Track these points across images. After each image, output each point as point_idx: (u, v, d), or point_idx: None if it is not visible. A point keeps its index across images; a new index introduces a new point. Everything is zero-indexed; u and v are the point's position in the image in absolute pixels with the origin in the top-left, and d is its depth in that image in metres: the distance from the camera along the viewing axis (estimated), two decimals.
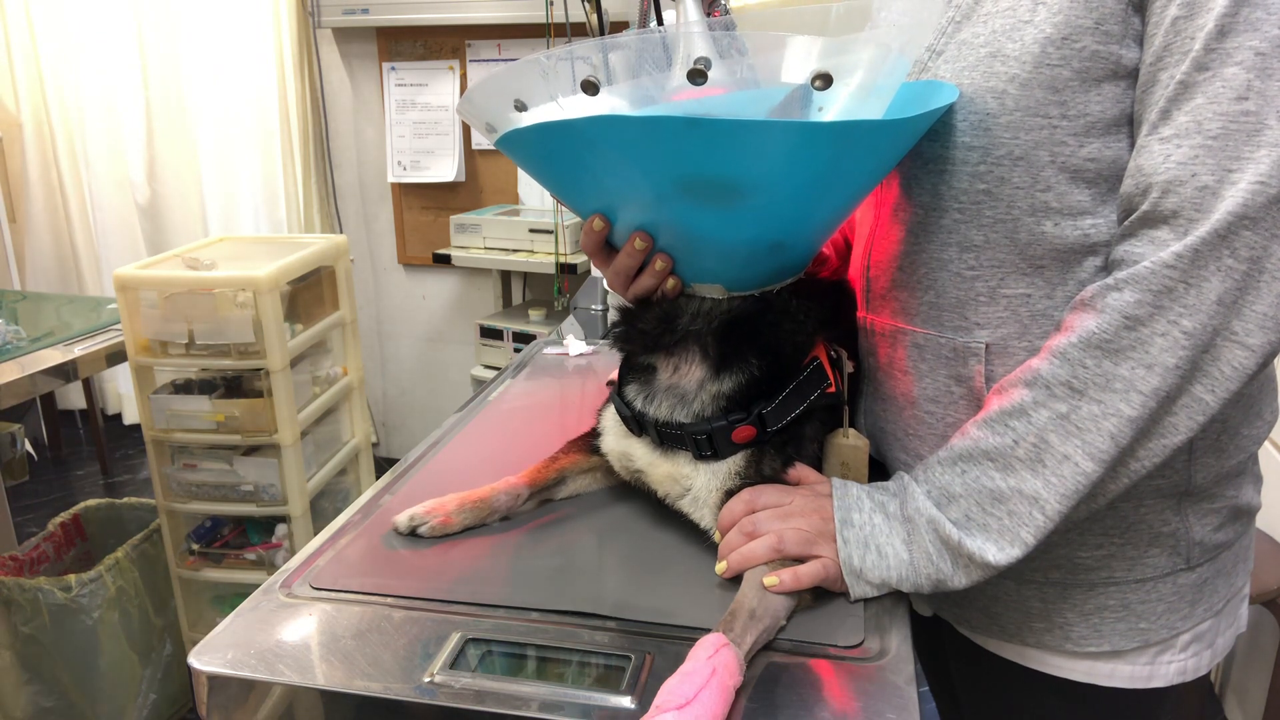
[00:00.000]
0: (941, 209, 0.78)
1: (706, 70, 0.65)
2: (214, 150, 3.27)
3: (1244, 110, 0.63)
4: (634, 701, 0.66)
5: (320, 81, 3.17)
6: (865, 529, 0.76)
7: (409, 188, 3.19)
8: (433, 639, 0.73)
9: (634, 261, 0.78)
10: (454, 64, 3.03)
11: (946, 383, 0.81)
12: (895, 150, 0.76)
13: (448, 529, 0.89)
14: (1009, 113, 0.72)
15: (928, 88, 0.78)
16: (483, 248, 2.80)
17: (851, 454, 0.88)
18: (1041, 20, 0.70)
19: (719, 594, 0.78)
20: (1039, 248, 0.74)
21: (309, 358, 2.21)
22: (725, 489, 0.82)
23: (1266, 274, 0.64)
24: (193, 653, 0.72)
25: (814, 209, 0.76)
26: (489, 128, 0.76)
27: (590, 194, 0.77)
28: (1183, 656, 0.83)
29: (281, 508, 2.04)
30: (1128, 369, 0.66)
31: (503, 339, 2.79)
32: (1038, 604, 0.83)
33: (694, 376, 0.82)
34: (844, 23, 0.74)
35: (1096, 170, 0.72)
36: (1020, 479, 0.70)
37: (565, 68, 0.71)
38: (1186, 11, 0.65)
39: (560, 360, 1.50)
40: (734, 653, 0.66)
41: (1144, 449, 0.68)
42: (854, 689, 0.67)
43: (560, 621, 0.75)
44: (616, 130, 0.66)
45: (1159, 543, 0.79)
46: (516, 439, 1.14)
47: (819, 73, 0.66)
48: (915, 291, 0.82)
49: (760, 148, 0.66)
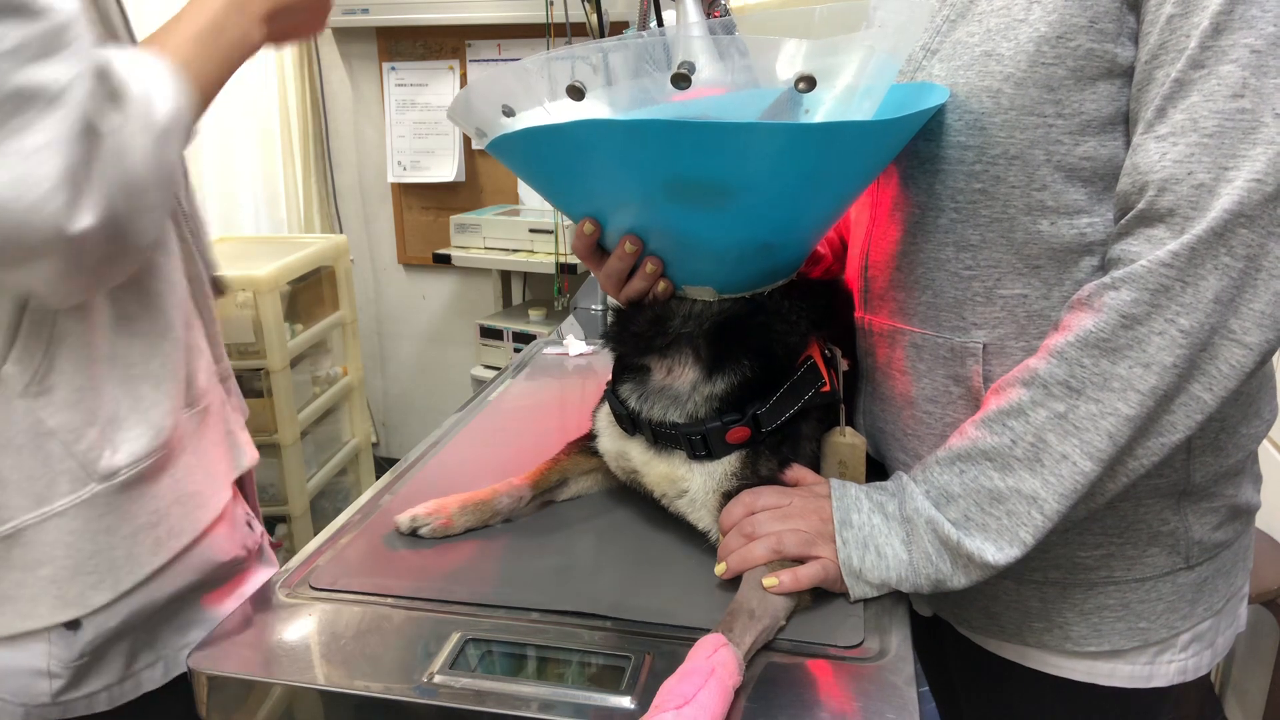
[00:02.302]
0: (938, 208, 0.78)
1: (690, 74, 0.65)
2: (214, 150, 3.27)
3: (1240, 108, 0.63)
4: (633, 701, 0.66)
5: (320, 81, 3.17)
6: (864, 529, 0.76)
7: (409, 188, 3.19)
8: (433, 639, 0.73)
9: (625, 265, 0.79)
10: (454, 64, 3.03)
11: (944, 383, 0.81)
12: (884, 152, 0.76)
13: (449, 530, 0.89)
14: (1004, 111, 0.72)
15: (920, 89, 0.78)
16: (483, 248, 2.80)
17: (849, 452, 0.88)
18: (1036, 19, 0.71)
19: (718, 594, 0.78)
20: (1035, 247, 0.74)
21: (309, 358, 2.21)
22: (722, 490, 0.82)
23: (1264, 272, 0.64)
24: (193, 653, 0.72)
25: (803, 210, 0.76)
26: (479, 133, 0.76)
27: (580, 198, 0.78)
28: (1183, 656, 0.83)
29: (281, 508, 2.05)
30: (1125, 368, 0.67)
31: (503, 339, 2.79)
32: (1037, 604, 0.83)
33: (687, 378, 0.82)
34: (839, 24, 0.74)
35: (1092, 169, 0.72)
36: (1019, 479, 0.70)
37: (556, 70, 0.71)
38: (1182, 9, 0.65)
39: (560, 360, 1.50)
40: (733, 653, 0.66)
41: (1142, 448, 0.68)
42: (854, 689, 0.68)
43: (560, 621, 0.75)
44: (602, 134, 0.66)
45: (1158, 542, 0.79)
46: (516, 439, 1.14)
47: (802, 75, 0.66)
48: (912, 291, 0.82)
49: (745, 150, 0.67)
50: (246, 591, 0.89)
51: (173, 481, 0.82)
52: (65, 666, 0.78)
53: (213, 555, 0.86)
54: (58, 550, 0.76)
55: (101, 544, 0.77)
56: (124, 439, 0.77)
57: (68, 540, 0.76)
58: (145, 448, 0.78)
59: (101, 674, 0.81)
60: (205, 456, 0.86)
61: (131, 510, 0.78)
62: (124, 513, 0.78)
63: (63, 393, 0.74)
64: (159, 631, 0.84)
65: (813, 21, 0.74)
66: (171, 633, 0.85)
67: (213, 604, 0.88)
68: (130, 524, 0.79)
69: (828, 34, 0.70)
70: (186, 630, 0.86)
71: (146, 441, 0.78)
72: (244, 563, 0.91)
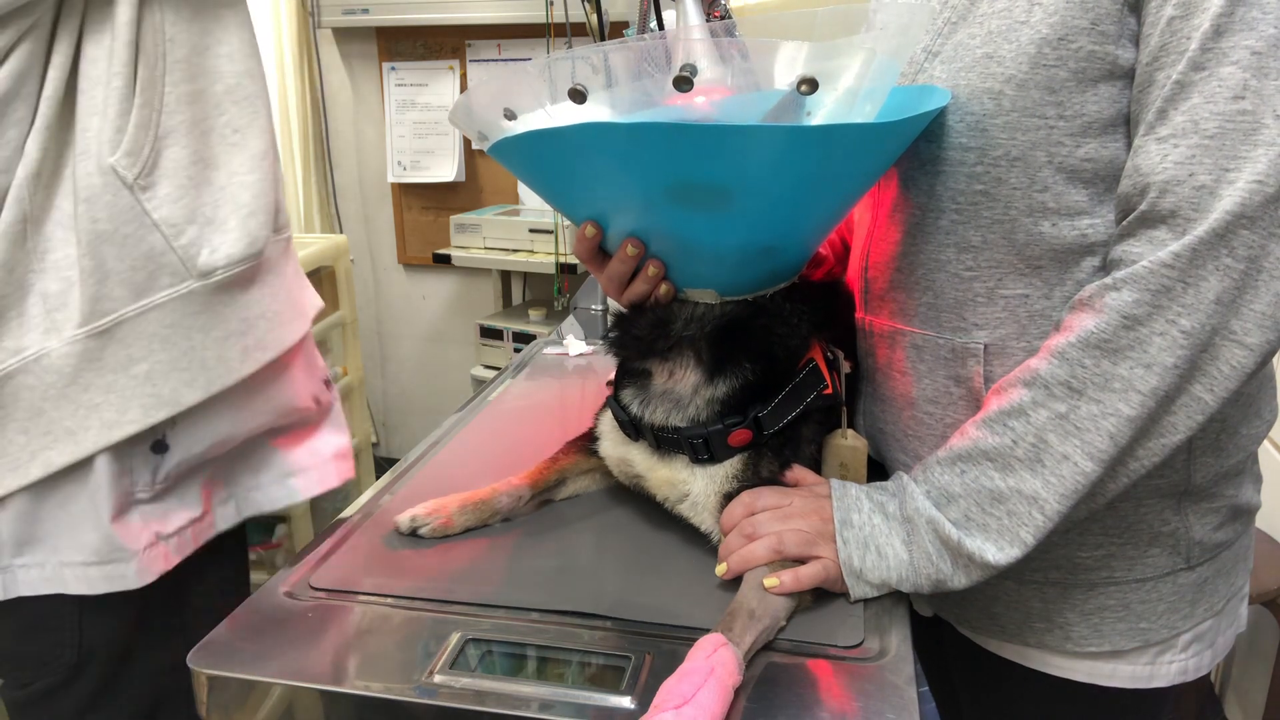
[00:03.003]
0: (939, 210, 0.78)
1: (692, 77, 0.65)
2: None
3: (1240, 110, 0.64)
4: (633, 701, 0.66)
5: (320, 81, 3.17)
6: (865, 529, 0.76)
7: (409, 188, 3.19)
8: (433, 639, 0.73)
9: (626, 268, 0.79)
10: (454, 64, 3.03)
11: (945, 383, 0.81)
12: (885, 154, 0.76)
13: (449, 530, 0.89)
14: (1005, 113, 0.72)
15: (922, 92, 0.78)
16: (483, 248, 2.80)
17: (850, 455, 0.88)
18: (1037, 21, 0.71)
19: (718, 594, 0.78)
20: (1037, 248, 0.74)
21: None
22: (723, 492, 0.82)
23: (1265, 273, 0.64)
24: (192, 653, 0.72)
25: (804, 213, 0.76)
26: (481, 136, 0.76)
27: (582, 201, 0.78)
28: (1183, 656, 0.83)
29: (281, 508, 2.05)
30: (1126, 368, 0.67)
31: (503, 339, 2.79)
32: (1038, 604, 0.83)
33: (689, 381, 0.82)
34: (840, 25, 0.74)
35: (1094, 170, 0.72)
36: (1019, 479, 0.70)
37: (557, 73, 0.71)
38: (1182, 11, 0.66)
39: (560, 360, 1.50)
40: (733, 652, 0.66)
41: (1143, 448, 0.68)
42: (854, 689, 0.68)
43: (560, 621, 0.75)
44: (603, 137, 0.66)
45: (1159, 542, 0.80)
46: (516, 439, 1.14)
47: (804, 77, 0.66)
48: (913, 292, 0.82)
49: (746, 152, 0.67)
50: (317, 447, 0.93)
51: (261, 295, 0.86)
52: (149, 489, 0.82)
53: (289, 395, 0.90)
54: (155, 344, 0.80)
55: (196, 341, 0.81)
56: (221, 241, 0.81)
57: (164, 334, 0.80)
58: (241, 253, 0.82)
59: (184, 505, 0.84)
60: (288, 282, 0.91)
61: (224, 314, 0.83)
62: (217, 314, 0.82)
63: (167, 188, 0.79)
64: (234, 468, 0.88)
65: (813, 23, 0.74)
66: (245, 471, 0.89)
67: (283, 448, 0.92)
68: (222, 327, 0.83)
69: (829, 36, 0.70)
70: (259, 471, 0.90)
71: (243, 247, 0.82)
72: (315, 417, 0.94)
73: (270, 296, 0.87)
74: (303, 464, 0.93)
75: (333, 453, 0.96)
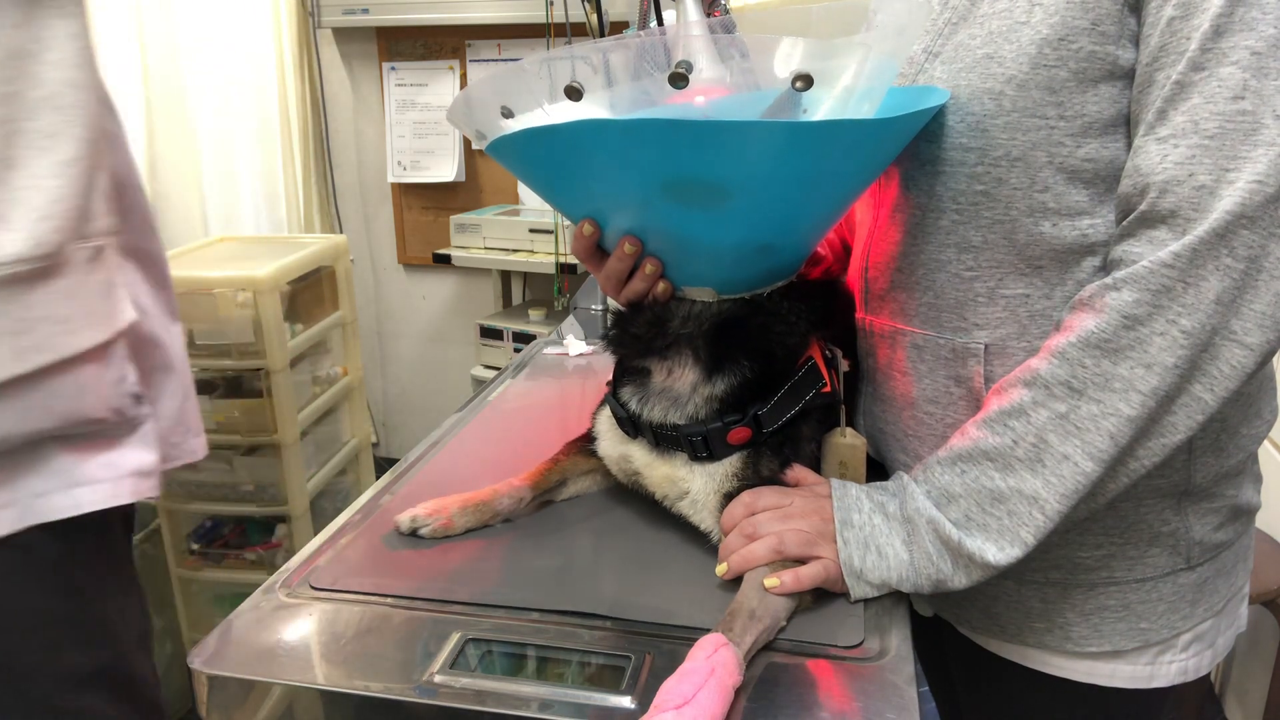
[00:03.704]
0: (940, 210, 0.78)
1: (688, 74, 0.65)
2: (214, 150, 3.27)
3: (1240, 110, 0.64)
4: (633, 701, 0.66)
5: (320, 81, 3.17)
6: (865, 529, 0.76)
7: (409, 188, 3.19)
8: (433, 639, 0.73)
9: (624, 266, 0.79)
10: (454, 64, 3.03)
11: (945, 383, 0.81)
12: (882, 152, 0.76)
13: (449, 531, 0.89)
14: (1006, 114, 0.72)
15: (921, 93, 0.78)
16: (482, 248, 2.80)
17: (849, 453, 0.88)
18: (1038, 21, 0.71)
19: (719, 594, 0.78)
20: (1037, 248, 0.74)
21: (309, 358, 2.21)
22: (723, 491, 0.82)
23: (1265, 273, 0.64)
24: (192, 653, 0.72)
25: (801, 210, 0.76)
26: (479, 134, 0.76)
27: (579, 199, 0.78)
28: (1183, 656, 0.83)
29: (281, 508, 2.05)
30: (1127, 368, 0.67)
31: (503, 339, 2.79)
32: (1038, 604, 0.83)
33: (687, 380, 0.82)
34: (838, 23, 0.74)
35: (1094, 170, 0.72)
36: (1020, 479, 0.70)
37: (555, 71, 0.71)
38: (1182, 12, 0.66)
39: (560, 360, 1.50)
40: (733, 652, 0.66)
41: (1143, 448, 0.68)
42: (854, 689, 0.68)
43: (560, 621, 0.75)
44: (599, 134, 0.66)
45: (1159, 542, 0.80)
46: (516, 439, 1.14)
47: (799, 74, 0.66)
48: (914, 292, 0.82)
49: (742, 149, 0.67)
50: (116, 462, 0.88)
51: (48, 298, 0.82)
52: None
53: (79, 404, 0.86)
54: None
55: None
56: (7, 239, 0.78)
57: None
58: (24, 253, 0.79)
59: None
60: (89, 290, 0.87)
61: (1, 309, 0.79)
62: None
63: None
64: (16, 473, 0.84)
65: (811, 20, 0.74)
66: (30, 476, 0.85)
67: (72, 458, 0.87)
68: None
69: (826, 33, 0.70)
70: (46, 478, 0.85)
71: (28, 248, 0.79)
72: (115, 430, 0.91)
73: (60, 301, 0.83)
74: (94, 475, 0.89)
75: (132, 469, 0.92)
